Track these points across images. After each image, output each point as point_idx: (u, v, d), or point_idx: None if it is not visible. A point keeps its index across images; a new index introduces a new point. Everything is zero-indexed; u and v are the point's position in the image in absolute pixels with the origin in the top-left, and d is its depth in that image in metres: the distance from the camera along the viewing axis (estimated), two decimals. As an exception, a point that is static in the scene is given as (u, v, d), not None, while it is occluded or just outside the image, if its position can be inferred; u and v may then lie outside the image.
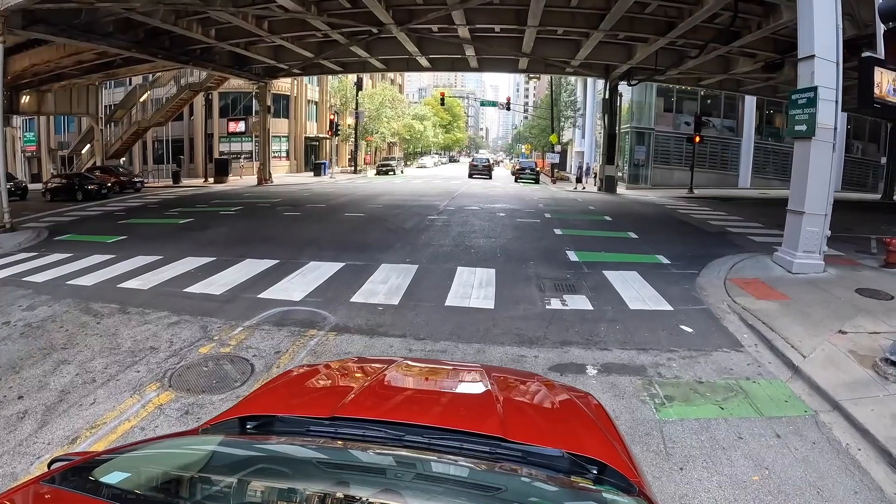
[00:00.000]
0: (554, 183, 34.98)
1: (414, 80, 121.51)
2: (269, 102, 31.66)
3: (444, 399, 2.32)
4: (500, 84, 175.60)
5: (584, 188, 32.05)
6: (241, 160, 38.66)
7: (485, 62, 26.87)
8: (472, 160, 49.74)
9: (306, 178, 35.73)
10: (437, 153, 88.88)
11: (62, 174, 27.36)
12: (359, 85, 43.75)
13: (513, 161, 59.43)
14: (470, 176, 42.55)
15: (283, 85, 39.43)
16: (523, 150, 72.01)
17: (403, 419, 1.83)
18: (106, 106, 34.60)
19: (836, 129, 9.16)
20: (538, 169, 42.08)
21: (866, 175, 36.51)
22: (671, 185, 32.36)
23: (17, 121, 35.42)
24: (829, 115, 9.03)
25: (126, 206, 20.69)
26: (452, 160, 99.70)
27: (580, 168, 36.37)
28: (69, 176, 25.54)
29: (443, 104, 58.90)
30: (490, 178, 42.18)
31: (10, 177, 19.28)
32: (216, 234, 13.43)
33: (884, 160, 31.55)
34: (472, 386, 2.47)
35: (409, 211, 18.02)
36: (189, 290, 8.20)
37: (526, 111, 76.91)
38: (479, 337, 6.39)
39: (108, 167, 29.09)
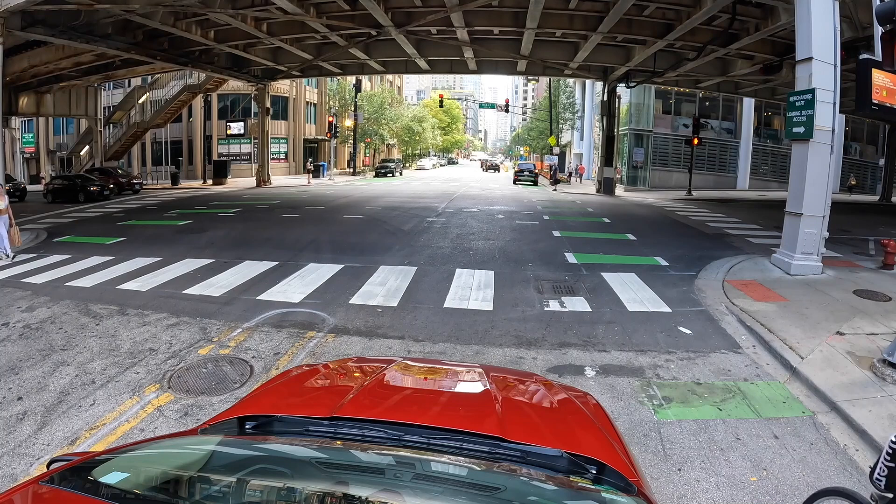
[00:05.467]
0: (553, 185, 35.08)
1: (413, 82, 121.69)
2: (267, 104, 31.67)
3: (443, 399, 2.33)
4: (499, 86, 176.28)
5: (555, 189, 32.59)
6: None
7: (483, 64, 26.92)
8: (482, 161, 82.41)
9: (305, 180, 35.74)
10: (435, 155, 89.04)
11: (64, 175, 27.15)
12: (357, 87, 43.78)
13: (510, 163, 67.09)
14: (484, 170, 67.28)
15: (281, 87, 39.45)
16: (522, 153, 72.19)
17: (402, 419, 1.83)
18: (105, 107, 34.60)
19: (833, 130, 9.20)
20: (537, 171, 42.22)
21: (864, 176, 36.62)
22: (669, 187, 32.41)
23: (16, 122, 35.41)
24: (827, 117, 9.06)
25: (125, 207, 20.67)
26: (451, 162, 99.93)
27: (554, 169, 37.50)
28: (71, 177, 25.44)
29: (441, 106, 58.88)
30: (497, 171, 65.89)
31: (8, 178, 19.26)
32: (215, 235, 13.43)
33: (882, 162, 31.64)
34: (471, 386, 2.48)
35: (407, 213, 18.03)
36: (188, 291, 8.20)
37: (524, 113, 77.28)
38: (478, 339, 6.39)
39: (106, 168, 29.09)
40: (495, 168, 68.05)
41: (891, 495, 2.28)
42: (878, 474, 2.31)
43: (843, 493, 2.70)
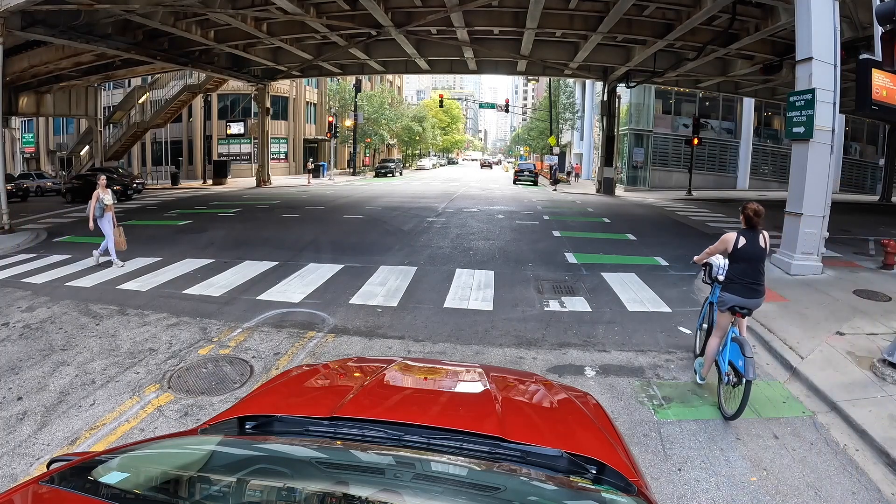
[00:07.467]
0: (553, 185, 35.08)
1: (413, 82, 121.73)
2: (267, 104, 31.66)
3: (443, 399, 2.32)
4: (499, 86, 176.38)
5: (555, 189, 32.61)
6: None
7: (483, 64, 26.91)
8: (482, 160, 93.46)
9: (305, 180, 35.74)
10: (435, 155, 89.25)
11: (80, 174, 26.31)
12: (357, 87, 43.79)
13: (510, 162, 71.75)
14: (481, 167, 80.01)
15: (281, 87, 39.46)
16: (522, 153, 72.25)
17: (402, 419, 1.83)
18: (105, 107, 34.60)
19: (833, 130, 9.19)
20: (536, 171, 42.23)
21: (864, 177, 36.60)
22: (669, 187, 32.41)
23: (16, 122, 35.42)
24: (827, 116, 9.05)
25: (125, 207, 20.64)
26: (451, 162, 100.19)
27: (554, 169, 37.67)
28: (89, 176, 25.07)
29: (441, 106, 58.88)
30: (492, 168, 79.70)
31: (9, 177, 19.19)
32: (215, 235, 13.43)
33: (882, 162, 31.62)
34: (471, 386, 2.47)
35: (407, 213, 18.03)
36: (188, 291, 8.21)
37: (524, 113, 77.44)
38: (478, 339, 6.39)
39: (107, 168, 29.04)
40: (489, 166, 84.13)
41: (709, 281, 5.17)
42: (702, 278, 5.20)
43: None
